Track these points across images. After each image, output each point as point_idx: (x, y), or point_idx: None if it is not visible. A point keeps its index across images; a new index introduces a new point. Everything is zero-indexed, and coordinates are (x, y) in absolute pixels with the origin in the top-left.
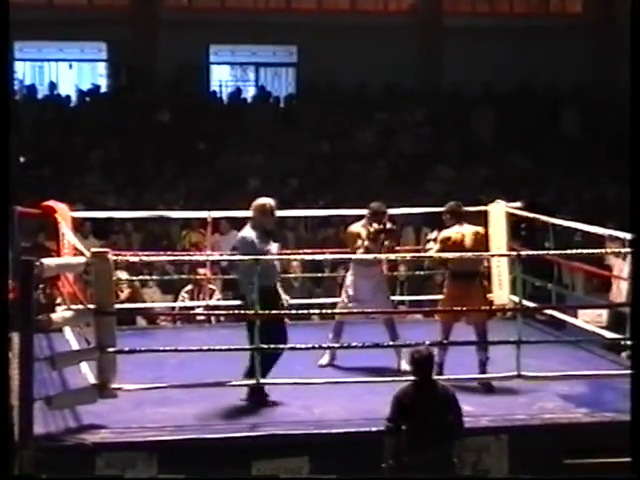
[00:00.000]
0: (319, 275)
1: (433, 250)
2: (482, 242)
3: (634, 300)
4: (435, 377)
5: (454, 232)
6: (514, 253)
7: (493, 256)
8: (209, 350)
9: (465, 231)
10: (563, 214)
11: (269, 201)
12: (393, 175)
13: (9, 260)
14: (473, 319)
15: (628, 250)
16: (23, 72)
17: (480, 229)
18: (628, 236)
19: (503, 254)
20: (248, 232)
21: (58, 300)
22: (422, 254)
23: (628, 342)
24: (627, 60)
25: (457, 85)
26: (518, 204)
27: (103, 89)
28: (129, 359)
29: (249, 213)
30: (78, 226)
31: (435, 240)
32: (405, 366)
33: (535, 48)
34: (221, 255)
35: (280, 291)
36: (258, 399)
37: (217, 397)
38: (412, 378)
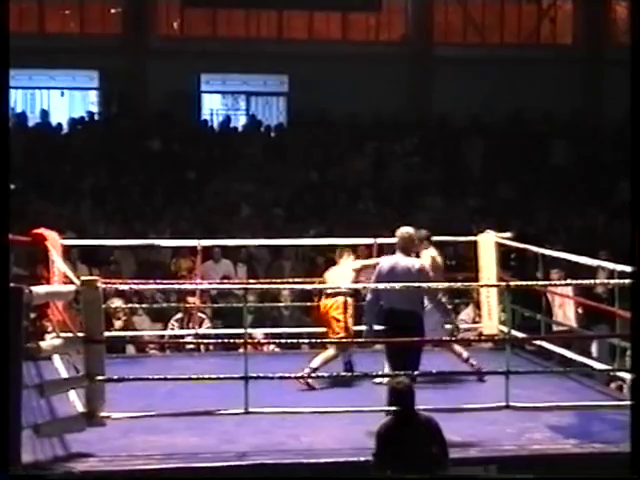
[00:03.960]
0: (308, 304)
1: None
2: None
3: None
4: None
5: None
6: (503, 283)
7: (482, 286)
8: (198, 379)
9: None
10: (553, 244)
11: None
12: (383, 205)
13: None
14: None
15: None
16: (14, 100)
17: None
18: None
19: (492, 284)
20: (419, 260)
21: (49, 328)
22: None
23: (617, 373)
24: (616, 91)
25: (447, 115)
26: (508, 234)
27: (94, 117)
28: (118, 387)
29: (240, 242)
30: (67, 254)
31: None
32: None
33: (525, 79)
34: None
35: None
36: None
37: (206, 426)
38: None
